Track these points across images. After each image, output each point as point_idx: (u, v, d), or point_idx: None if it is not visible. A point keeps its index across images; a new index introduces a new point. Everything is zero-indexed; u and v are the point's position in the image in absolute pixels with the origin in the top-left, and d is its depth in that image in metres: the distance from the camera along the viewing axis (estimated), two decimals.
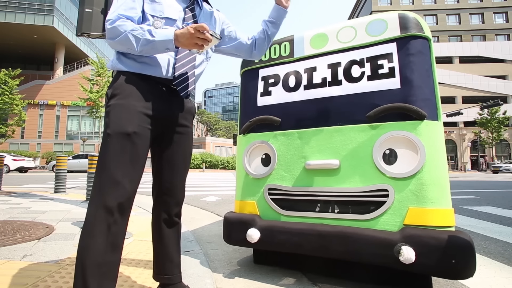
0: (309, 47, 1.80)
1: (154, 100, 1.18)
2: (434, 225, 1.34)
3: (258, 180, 1.79)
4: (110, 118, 1.10)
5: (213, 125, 61.70)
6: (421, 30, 1.54)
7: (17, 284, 1.40)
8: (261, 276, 1.70)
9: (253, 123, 1.85)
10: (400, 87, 1.49)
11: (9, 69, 25.70)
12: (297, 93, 1.77)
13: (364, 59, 1.62)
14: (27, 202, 4.36)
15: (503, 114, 33.48)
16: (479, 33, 42.13)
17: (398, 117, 1.46)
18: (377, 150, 1.47)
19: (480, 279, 1.75)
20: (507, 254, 2.27)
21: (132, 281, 1.51)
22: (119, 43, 1.10)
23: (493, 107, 23.54)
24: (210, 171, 26.87)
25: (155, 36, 1.10)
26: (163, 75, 1.20)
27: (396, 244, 1.31)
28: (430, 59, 1.53)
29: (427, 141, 1.41)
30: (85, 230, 1.03)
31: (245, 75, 2.03)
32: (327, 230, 1.48)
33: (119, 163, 1.06)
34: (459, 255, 1.23)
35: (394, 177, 1.43)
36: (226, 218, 1.81)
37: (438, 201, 1.37)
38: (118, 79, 1.16)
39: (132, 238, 2.41)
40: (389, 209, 1.42)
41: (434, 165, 1.39)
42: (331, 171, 1.57)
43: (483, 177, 17.25)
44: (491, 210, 4.44)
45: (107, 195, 1.02)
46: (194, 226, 3.14)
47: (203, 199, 5.66)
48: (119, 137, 1.07)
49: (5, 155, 14.69)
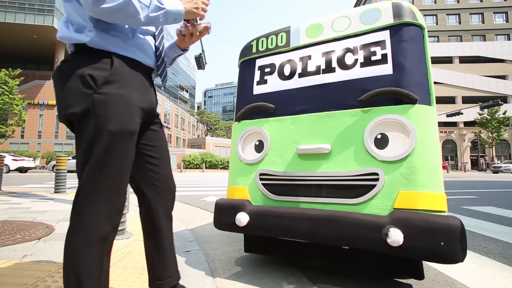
0: (304, 37, 1.83)
1: (145, 91, 1.08)
2: (424, 209, 1.31)
3: (250, 165, 1.80)
4: (110, 111, 0.92)
5: (213, 125, 61.73)
6: (414, 18, 1.55)
7: (17, 284, 1.40)
8: (261, 276, 1.70)
9: (247, 110, 1.87)
10: (392, 72, 1.50)
11: (9, 69, 25.70)
12: (292, 81, 1.79)
13: (358, 47, 1.64)
14: (27, 202, 4.36)
15: (503, 114, 33.48)
16: (479, 33, 42.12)
17: (390, 102, 1.47)
18: (369, 134, 1.48)
19: (480, 279, 1.75)
20: (507, 254, 2.27)
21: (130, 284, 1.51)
22: (114, 9, 0.89)
23: (493, 107, 23.52)
24: (210, 171, 26.87)
25: (165, 4, 0.98)
26: (150, 62, 1.12)
27: (384, 227, 1.29)
28: (423, 46, 1.53)
29: (418, 125, 1.39)
30: (71, 271, 0.88)
31: (243, 65, 2.05)
32: (316, 214, 1.47)
33: (124, 168, 0.95)
34: (448, 238, 1.19)
35: (384, 160, 1.42)
36: (217, 203, 1.79)
37: (429, 185, 1.35)
38: (106, 58, 0.97)
39: (132, 238, 2.41)
40: (379, 192, 1.41)
41: (425, 149, 1.38)
42: (322, 156, 1.58)
43: (483, 177, 17.25)
44: (491, 210, 4.43)
45: (106, 212, 0.90)
46: (194, 226, 3.14)
47: (203, 199, 5.66)
48: (123, 137, 0.94)
49: (5, 155, 14.70)
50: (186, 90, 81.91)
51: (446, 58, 39.82)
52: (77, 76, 0.93)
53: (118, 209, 0.95)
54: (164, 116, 47.92)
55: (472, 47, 40.16)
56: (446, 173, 24.23)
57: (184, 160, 29.81)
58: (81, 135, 0.93)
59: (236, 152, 1.88)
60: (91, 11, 0.91)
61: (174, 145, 49.95)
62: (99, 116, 0.91)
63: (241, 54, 2.08)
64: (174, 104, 54.85)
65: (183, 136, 56.35)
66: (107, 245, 0.94)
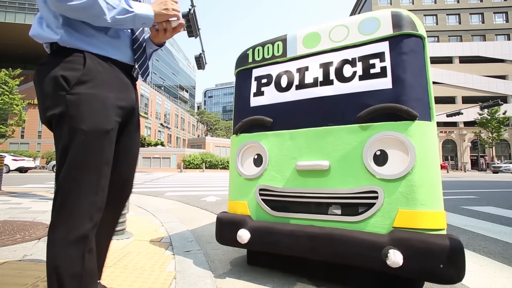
0: (301, 47, 1.78)
1: (123, 89, 1.07)
2: (424, 228, 1.31)
3: (250, 180, 1.78)
4: (83, 111, 0.92)
5: (213, 125, 61.76)
6: (414, 28, 1.50)
7: (17, 284, 1.40)
8: (261, 276, 1.70)
9: (245, 123, 1.85)
10: (392, 87, 1.46)
11: (9, 69, 25.71)
12: (289, 93, 1.75)
13: (356, 59, 1.59)
14: (27, 202, 4.37)
15: (503, 114, 33.48)
16: (479, 33, 42.13)
17: (389, 118, 1.44)
18: (367, 151, 1.46)
19: (480, 279, 1.75)
20: (507, 254, 2.27)
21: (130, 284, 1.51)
22: (80, 8, 0.89)
23: (493, 107, 23.55)
24: (210, 171, 26.88)
25: (134, 7, 0.99)
26: (125, 58, 1.10)
27: (384, 247, 1.29)
28: (423, 58, 1.49)
29: (418, 142, 1.37)
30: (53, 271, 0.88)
31: (239, 75, 2.00)
32: (316, 232, 1.47)
33: (102, 166, 0.96)
34: (447, 260, 1.20)
35: (383, 178, 1.41)
36: (218, 218, 1.80)
37: (429, 203, 1.34)
38: (78, 58, 0.96)
39: (132, 238, 2.41)
40: (379, 211, 1.40)
41: (425, 167, 1.36)
42: (321, 172, 1.56)
43: (483, 177, 17.25)
44: (491, 210, 4.43)
45: (85, 210, 0.90)
46: (194, 226, 3.14)
47: (203, 199, 5.66)
48: (98, 136, 0.94)
49: (5, 155, 14.70)
50: (186, 90, 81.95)
51: (446, 58, 39.82)
52: (51, 78, 0.94)
53: (98, 207, 0.95)
54: (164, 116, 47.95)
55: (472, 47, 40.16)
56: (446, 173, 24.23)
57: (184, 160, 29.82)
58: (57, 136, 0.95)
59: (235, 166, 1.85)
60: (55, 7, 0.90)
61: (174, 145, 49.97)
62: (72, 116, 0.92)
63: (237, 63, 2.03)
64: (174, 104, 54.88)
65: (183, 136, 56.39)
66: (87, 243, 0.93)
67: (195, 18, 9.62)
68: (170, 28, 1.14)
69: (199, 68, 12.63)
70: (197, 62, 12.40)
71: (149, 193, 6.66)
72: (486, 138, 35.70)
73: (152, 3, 1.07)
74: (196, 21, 9.73)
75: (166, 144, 42.58)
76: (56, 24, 0.96)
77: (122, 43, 1.09)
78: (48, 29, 0.97)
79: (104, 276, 1.55)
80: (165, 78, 67.35)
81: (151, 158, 30.77)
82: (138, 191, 7.25)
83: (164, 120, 47.73)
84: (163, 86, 61.97)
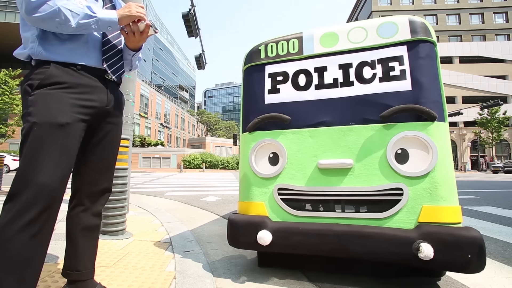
0: (319, 45, 1.78)
1: (88, 90, 1.14)
2: (446, 222, 1.40)
3: (266, 180, 1.72)
4: (38, 107, 1.02)
5: (213, 125, 61.72)
6: (429, 35, 1.59)
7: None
8: (261, 276, 1.70)
9: (261, 120, 1.78)
10: (411, 89, 1.54)
11: (9, 69, 25.70)
12: (308, 92, 1.75)
13: (375, 61, 1.65)
14: None
15: (503, 114, 33.48)
16: (479, 33, 42.13)
17: (410, 118, 1.51)
18: (391, 150, 1.51)
19: (480, 279, 1.75)
20: (507, 254, 2.27)
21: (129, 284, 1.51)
22: (46, 18, 1.00)
23: (493, 107, 23.54)
24: (210, 171, 26.88)
25: (97, 13, 1.07)
26: (94, 63, 1.17)
27: (414, 241, 1.35)
28: (436, 63, 1.58)
29: (438, 141, 1.46)
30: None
31: (249, 71, 1.95)
32: (344, 230, 1.48)
33: (60, 156, 1.02)
34: (474, 250, 1.28)
35: (407, 176, 1.47)
36: (232, 220, 1.69)
37: (449, 198, 1.42)
38: (45, 69, 1.07)
39: (132, 238, 2.41)
40: (404, 207, 1.46)
41: (445, 165, 1.45)
42: (344, 170, 1.57)
43: (483, 177, 17.25)
44: (491, 210, 4.44)
45: (33, 188, 0.96)
46: (194, 226, 3.14)
47: (203, 199, 5.66)
48: (50, 128, 1.01)
49: (5, 155, 14.69)
50: (186, 90, 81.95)
51: (446, 58, 39.79)
52: (23, 90, 1.08)
53: (49, 194, 0.99)
54: (164, 116, 47.94)
55: (472, 47, 40.16)
56: None
57: (184, 160, 29.83)
58: (21, 133, 1.05)
59: (249, 165, 1.78)
60: (26, 20, 1.03)
61: (174, 145, 49.98)
62: (29, 113, 1.03)
63: (247, 59, 1.97)
64: (174, 104, 54.87)
65: (183, 136, 56.38)
66: (33, 231, 0.95)
67: (195, 18, 9.63)
68: (137, 30, 1.19)
69: (199, 68, 12.64)
70: (197, 62, 12.41)
71: (149, 193, 6.67)
72: (486, 138, 35.71)
73: (118, 9, 1.18)
74: (196, 21, 9.74)
75: (166, 144, 42.57)
76: (31, 40, 1.10)
77: (90, 49, 1.18)
78: (23, 48, 1.13)
79: (104, 276, 1.55)
80: (165, 78, 67.37)
81: (151, 158, 30.77)
82: (138, 191, 7.25)
83: (164, 120, 47.73)
84: (163, 86, 61.98)
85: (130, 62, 1.35)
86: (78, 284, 1.23)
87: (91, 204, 1.27)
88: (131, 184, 9.38)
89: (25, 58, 1.14)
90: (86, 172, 1.25)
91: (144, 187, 8.68)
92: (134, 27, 1.19)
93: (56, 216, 1.04)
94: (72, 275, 1.23)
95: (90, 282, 1.26)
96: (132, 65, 1.37)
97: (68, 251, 1.25)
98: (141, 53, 1.37)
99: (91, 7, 1.08)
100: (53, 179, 1.00)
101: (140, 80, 40.17)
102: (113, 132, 1.29)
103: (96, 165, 1.26)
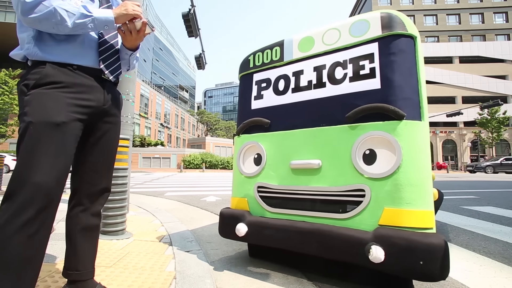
0: (297, 51, 1.85)
1: (84, 90, 1.14)
2: (409, 226, 1.32)
3: (250, 178, 1.89)
4: (33, 106, 1.02)
5: (213, 125, 61.71)
6: (404, 28, 1.51)
7: None
8: (261, 276, 1.70)
9: (246, 125, 1.98)
10: (380, 87, 1.48)
11: (9, 69, 25.73)
12: (286, 96, 1.84)
13: (347, 61, 1.63)
14: None
15: (503, 114, 33.45)
16: (479, 33, 42.13)
17: (378, 118, 1.46)
18: (356, 151, 1.49)
19: (480, 279, 1.75)
20: (507, 254, 2.27)
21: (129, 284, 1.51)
22: (43, 18, 1.00)
23: (493, 107, 23.56)
24: (210, 171, 26.88)
25: (93, 12, 1.07)
26: (90, 63, 1.17)
27: (367, 243, 1.33)
28: (414, 57, 1.49)
29: (405, 142, 1.38)
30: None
31: (242, 80, 2.12)
32: (306, 227, 1.54)
33: (57, 156, 1.02)
34: (428, 257, 1.21)
35: (371, 177, 1.44)
36: (221, 213, 1.94)
37: (415, 202, 1.35)
38: (40, 68, 1.07)
39: (132, 238, 2.41)
40: (366, 209, 1.44)
41: (411, 166, 1.37)
42: (313, 171, 1.62)
43: (483, 177, 17.25)
44: (491, 210, 4.43)
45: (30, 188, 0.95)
46: (194, 226, 3.14)
47: (203, 199, 5.66)
48: (46, 127, 1.01)
49: (5, 155, 14.68)
50: (186, 90, 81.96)
51: (446, 58, 39.80)
52: (19, 90, 1.09)
53: (46, 193, 0.98)
54: (164, 116, 47.94)
55: (472, 47, 40.14)
56: (446, 173, 24.22)
57: (184, 160, 29.82)
58: (18, 133, 1.05)
59: (237, 165, 1.98)
60: (23, 21, 1.03)
61: (174, 145, 50.00)
62: (25, 112, 1.03)
63: (240, 68, 2.14)
64: (174, 104, 54.87)
65: (183, 136, 56.38)
66: (31, 231, 0.95)
67: (195, 18, 9.63)
68: (134, 28, 1.19)
69: (199, 68, 12.64)
70: (197, 62, 12.41)
71: (149, 193, 6.67)
72: (486, 138, 35.68)
73: (114, 8, 1.18)
74: (196, 21, 9.74)
75: (166, 144, 42.56)
76: (27, 41, 1.10)
77: (87, 49, 1.17)
78: (20, 48, 1.13)
79: (104, 276, 1.55)
80: (165, 78, 67.36)
81: (151, 158, 30.77)
82: (138, 191, 7.25)
83: (164, 120, 47.73)
84: (163, 86, 61.98)
85: (128, 62, 1.35)
86: (78, 284, 1.23)
87: (91, 204, 1.27)
88: (131, 184, 9.38)
89: (21, 58, 1.14)
90: (85, 172, 1.25)
91: (144, 187, 8.68)
92: (130, 26, 1.19)
93: (54, 216, 1.04)
94: (72, 275, 1.23)
95: (90, 282, 1.26)
96: (130, 64, 1.37)
97: (68, 251, 1.25)
98: (138, 52, 1.37)
99: (87, 7, 1.08)
100: (50, 179, 0.99)
101: (140, 80, 40.15)
102: (111, 132, 1.29)
103: (95, 165, 1.26)
